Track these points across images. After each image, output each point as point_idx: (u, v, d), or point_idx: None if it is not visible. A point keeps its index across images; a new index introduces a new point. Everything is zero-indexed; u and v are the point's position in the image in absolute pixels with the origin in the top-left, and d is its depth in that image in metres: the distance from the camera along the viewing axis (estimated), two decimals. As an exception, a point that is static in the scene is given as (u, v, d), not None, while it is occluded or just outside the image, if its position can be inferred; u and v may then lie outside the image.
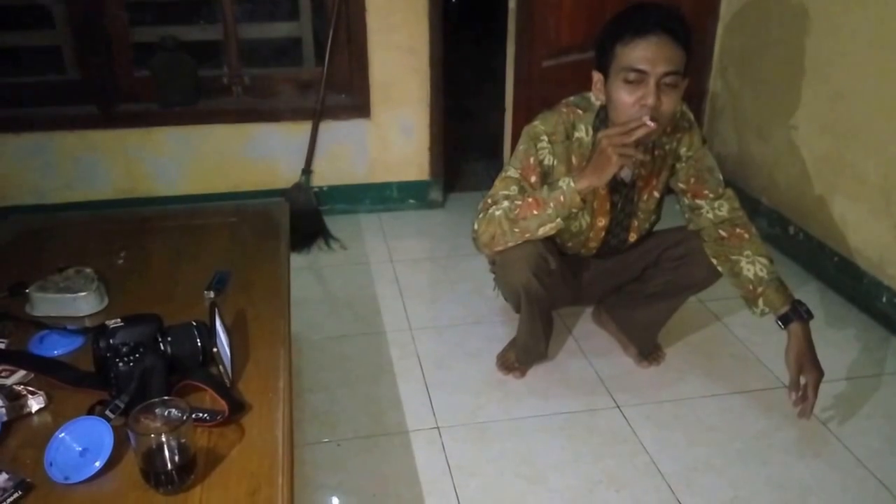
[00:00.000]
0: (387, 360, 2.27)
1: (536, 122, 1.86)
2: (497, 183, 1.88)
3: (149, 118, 2.99)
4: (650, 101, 1.62)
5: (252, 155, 3.11)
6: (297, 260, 2.88)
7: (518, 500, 1.75)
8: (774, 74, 2.88)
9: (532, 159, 1.84)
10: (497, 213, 1.79)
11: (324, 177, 3.20)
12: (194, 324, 1.28)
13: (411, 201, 3.33)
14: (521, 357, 2.18)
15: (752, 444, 1.92)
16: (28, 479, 1.04)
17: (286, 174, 3.13)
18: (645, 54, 1.61)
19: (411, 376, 2.19)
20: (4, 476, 1.04)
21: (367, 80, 3.07)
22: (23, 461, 1.09)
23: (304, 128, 3.08)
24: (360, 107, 3.12)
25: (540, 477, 1.82)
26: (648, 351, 2.24)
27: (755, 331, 2.38)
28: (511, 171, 1.86)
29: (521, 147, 1.87)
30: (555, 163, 1.85)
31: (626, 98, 1.66)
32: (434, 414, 2.03)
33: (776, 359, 2.22)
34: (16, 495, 1.02)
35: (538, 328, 2.06)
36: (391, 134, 3.19)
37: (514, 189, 1.83)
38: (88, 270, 1.53)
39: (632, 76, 1.64)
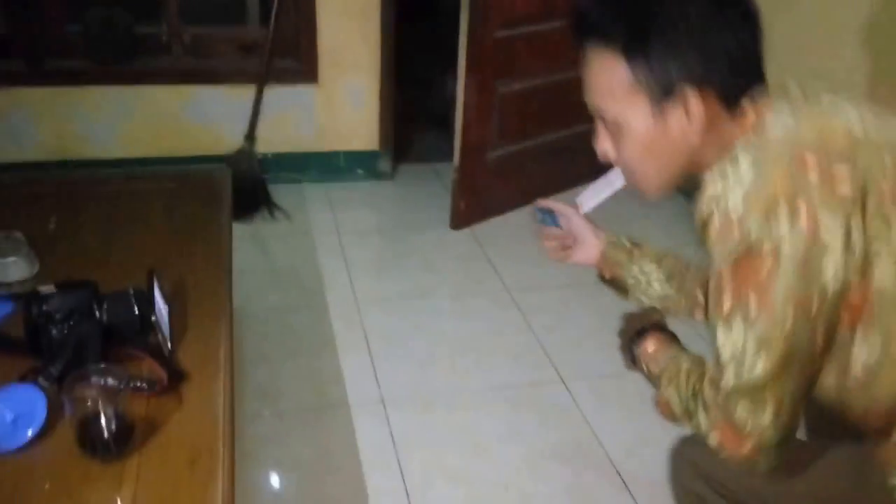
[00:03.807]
0: (331, 332, 2.24)
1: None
2: None
3: (81, 76, 2.84)
4: (595, 145, 1.05)
5: (192, 118, 3.00)
6: (239, 229, 2.78)
7: (462, 473, 1.76)
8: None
9: None
10: None
11: (268, 143, 3.11)
12: (132, 291, 1.23)
13: (359, 172, 3.27)
14: None
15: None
16: (-46, 450, 1.00)
17: (228, 140, 3.03)
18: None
19: (356, 349, 2.17)
20: (-72, 447, 1.00)
21: (315, 44, 2.99)
22: (-52, 431, 1.04)
23: (248, 91, 2.98)
24: (307, 72, 3.04)
25: (484, 450, 1.83)
26: None
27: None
28: None
29: None
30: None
31: None
32: (379, 387, 2.02)
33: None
34: (-60, 466, 0.98)
35: None
36: (340, 101, 3.12)
37: None
38: (18, 235, 1.46)
39: None
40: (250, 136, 3.05)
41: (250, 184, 2.97)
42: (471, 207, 2.88)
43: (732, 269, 0.83)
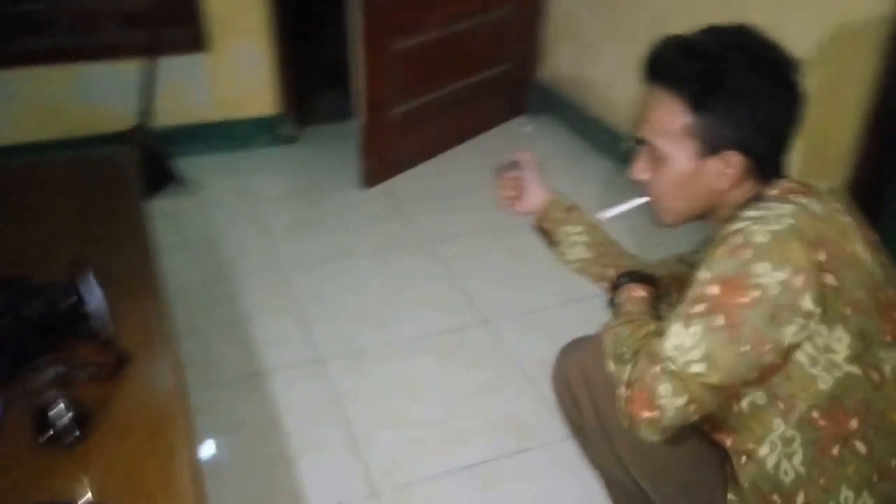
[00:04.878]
0: (259, 299, 2.27)
1: None
2: None
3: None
4: (632, 168, 1.16)
5: (82, 97, 2.88)
6: (149, 207, 2.75)
7: (403, 415, 1.87)
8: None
9: None
10: None
11: (166, 117, 3.02)
12: (64, 282, 1.24)
13: (264, 138, 3.24)
14: None
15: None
16: None
17: (123, 116, 2.92)
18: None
19: (286, 313, 2.21)
20: None
21: (202, 10, 2.91)
22: None
23: (138, 65, 2.88)
24: (196, 39, 2.95)
25: (420, 393, 1.94)
26: None
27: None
28: None
29: None
30: None
31: None
32: (313, 347, 2.08)
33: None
34: None
35: None
36: (234, 67, 3.06)
37: None
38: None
39: None
40: (146, 112, 2.96)
41: (153, 160, 2.90)
42: (380, 165, 2.93)
43: (723, 284, 0.95)
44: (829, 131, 2.11)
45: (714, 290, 0.96)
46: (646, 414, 0.98)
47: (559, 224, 1.38)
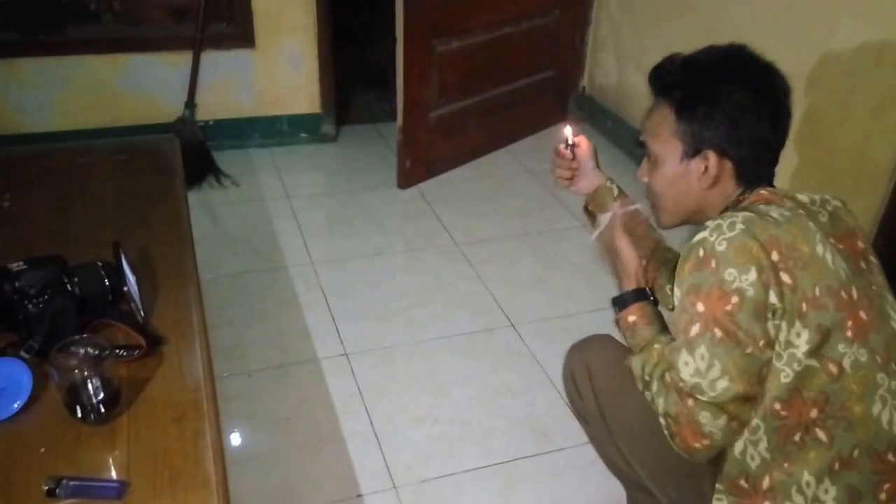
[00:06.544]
0: (290, 293, 2.30)
1: None
2: None
3: (8, 48, 2.77)
4: (638, 170, 1.27)
5: (129, 87, 2.96)
6: (188, 198, 2.81)
7: (425, 413, 1.88)
8: (651, 6, 3.01)
9: None
10: None
11: (209, 110, 3.10)
12: (100, 264, 1.27)
13: (303, 135, 3.29)
14: None
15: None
16: (-55, 423, 1.04)
17: (168, 108, 3.01)
18: None
19: (316, 308, 2.24)
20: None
21: (250, 7, 2.97)
22: (-64, 406, 1.08)
23: (184, 58, 2.96)
24: (243, 36, 3.02)
25: (443, 392, 1.95)
26: None
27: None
28: None
29: None
30: None
31: None
32: (341, 341, 2.11)
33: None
34: (-68, 441, 1.02)
35: None
36: (278, 64, 3.12)
37: None
38: (-26, 214, 1.47)
39: None
40: (190, 104, 3.03)
41: (194, 152, 2.96)
42: (416, 167, 2.95)
43: (705, 299, 1.01)
44: (869, 147, 2.07)
45: (699, 307, 1.02)
46: (697, 445, 1.04)
47: (604, 208, 1.45)
